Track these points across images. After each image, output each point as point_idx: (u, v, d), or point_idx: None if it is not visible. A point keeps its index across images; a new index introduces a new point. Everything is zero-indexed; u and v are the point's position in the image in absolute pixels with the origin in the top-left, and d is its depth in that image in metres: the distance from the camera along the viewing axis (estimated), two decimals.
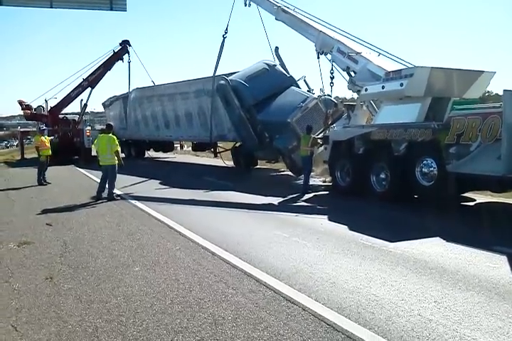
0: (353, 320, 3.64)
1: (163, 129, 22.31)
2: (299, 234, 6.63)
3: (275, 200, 9.88)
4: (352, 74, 11.88)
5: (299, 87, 15.74)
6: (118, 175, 10.73)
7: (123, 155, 10.59)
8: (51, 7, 21.43)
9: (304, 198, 10.33)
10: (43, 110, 26.98)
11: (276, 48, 16.73)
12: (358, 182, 10.17)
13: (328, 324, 3.58)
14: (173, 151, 27.70)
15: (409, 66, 10.75)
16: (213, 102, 16.70)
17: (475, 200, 9.28)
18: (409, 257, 5.40)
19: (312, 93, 15.37)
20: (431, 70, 9.37)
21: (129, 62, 26.24)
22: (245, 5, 16.00)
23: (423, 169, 8.68)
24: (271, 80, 15.17)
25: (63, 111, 27.55)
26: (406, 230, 6.89)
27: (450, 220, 7.38)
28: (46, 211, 9.01)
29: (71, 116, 28.93)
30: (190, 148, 25.59)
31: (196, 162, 22.10)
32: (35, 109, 26.84)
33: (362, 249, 5.79)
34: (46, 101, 27.59)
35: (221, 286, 4.50)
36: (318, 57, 12.84)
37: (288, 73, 16.15)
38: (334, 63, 12.40)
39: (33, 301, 4.23)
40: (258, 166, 17.64)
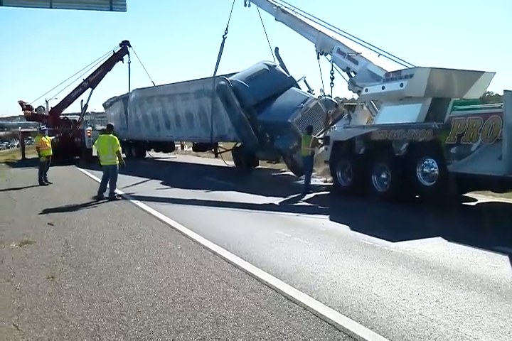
0: (355, 320, 3.65)
1: (163, 130, 22.33)
2: (301, 234, 6.63)
3: (276, 200, 9.88)
4: (352, 74, 11.88)
5: (299, 88, 15.74)
6: (119, 175, 10.76)
7: (124, 155, 10.59)
8: (51, 7, 21.47)
9: (305, 198, 10.34)
10: (44, 110, 27.04)
11: (276, 49, 16.75)
12: (359, 182, 10.17)
13: (329, 323, 3.58)
14: (173, 151, 27.72)
15: (409, 66, 10.75)
16: (214, 103, 16.70)
17: (476, 200, 9.27)
18: (410, 257, 5.40)
19: (312, 93, 15.36)
20: (431, 71, 9.36)
21: (129, 62, 26.33)
22: (245, 5, 16.01)
23: (424, 169, 8.67)
24: (271, 81, 15.17)
25: (64, 111, 27.62)
26: (407, 230, 6.89)
27: (451, 220, 7.39)
28: (48, 211, 9.03)
29: (72, 116, 28.97)
30: (191, 149, 25.62)
31: (197, 162, 22.10)
32: (35, 110, 26.88)
33: (363, 249, 5.79)
34: (47, 101, 27.73)
35: (222, 286, 4.50)
36: (318, 57, 12.84)
37: (288, 74, 16.16)
38: (334, 64, 12.40)
39: (35, 300, 4.24)
40: (259, 166, 17.66)
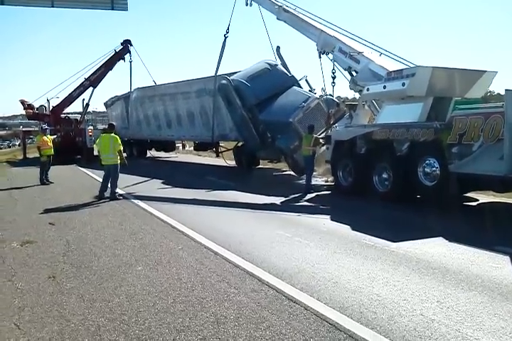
0: (355, 320, 3.65)
1: (164, 129, 22.34)
2: (302, 234, 6.63)
3: (277, 200, 9.88)
4: (353, 73, 11.86)
5: (301, 87, 15.73)
6: (120, 175, 10.76)
7: (125, 154, 10.62)
8: (52, 6, 21.50)
9: (306, 198, 10.33)
10: (45, 110, 27.05)
11: (277, 48, 16.72)
12: (360, 182, 10.15)
13: (330, 323, 3.58)
14: (174, 151, 27.72)
15: (410, 66, 10.73)
16: (215, 102, 16.69)
17: (477, 200, 9.26)
18: (411, 257, 5.40)
19: (314, 93, 15.35)
20: (433, 70, 9.34)
21: (131, 61, 26.35)
22: (246, 4, 15.97)
23: (425, 169, 8.66)
24: (272, 80, 15.17)
25: (65, 110, 27.59)
26: (408, 230, 6.88)
27: (453, 220, 7.38)
28: (49, 210, 9.04)
29: (73, 115, 28.98)
30: (192, 148, 25.63)
31: (198, 162, 22.11)
32: (37, 109, 26.88)
33: (364, 249, 5.78)
34: (48, 100, 27.75)
35: (223, 285, 4.50)
36: (319, 56, 12.84)
37: (289, 73, 16.16)
38: (336, 63, 12.38)
39: (36, 300, 4.25)
40: (260, 166, 17.64)
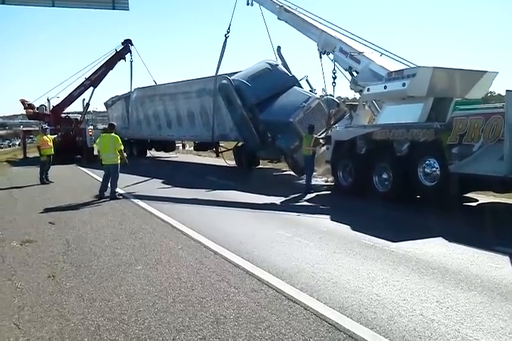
0: (355, 320, 3.65)
1: (165, 129, 22.34)
2: (302, 234, 6.63)
3: (277, 200, 9.88)
4: (354, 74, 11.87)
5: (301, 87, 15.73)
6: (120, 175, 10.76)
7: (125, 154, 10.63)
8: (53, 6, 21.46)
9: (306, 198, 10.33)
10: (45, 109, 27.01)
11: (278, 48, 16.73)
12: (360, 182, 10.15)
13: (329, 323, 3.58)
14: (175, 151, 27.72)
15: (411, 66, 10.73)
16: (215, 102, 16.69)
17: (477, 201, 9.26)
18: (411, 257, 5.40)
19: (314, 93, 15.36)
20: (433, 70, 9.34)
21: (131, 61, 26.28)
22: (247, 4, 15.98)
23: (425, 169, 8.66)
24: (273, 80, 15.16)
25: (65, 110, 27.58)
26: (408, 230, 6.88)
27: (453, 220, 7.38)
28: (49, 210, 9.04)
29: (73, 115, 28.97)
30: (192, 148, 25.64)
31: (198, 161, 22.10)
32: (37, 108, 26.86)
33: (364, 249, 5.78)
34: (48, 100, 27.67)
35: (223, 285, 4.50)
36: (320, 56, 12.85)
37: (290, 73, 16.15)
38: (336, 63, 12.39)
39: (36, 299, 4.25)
40: (260, 166, 17.65)
